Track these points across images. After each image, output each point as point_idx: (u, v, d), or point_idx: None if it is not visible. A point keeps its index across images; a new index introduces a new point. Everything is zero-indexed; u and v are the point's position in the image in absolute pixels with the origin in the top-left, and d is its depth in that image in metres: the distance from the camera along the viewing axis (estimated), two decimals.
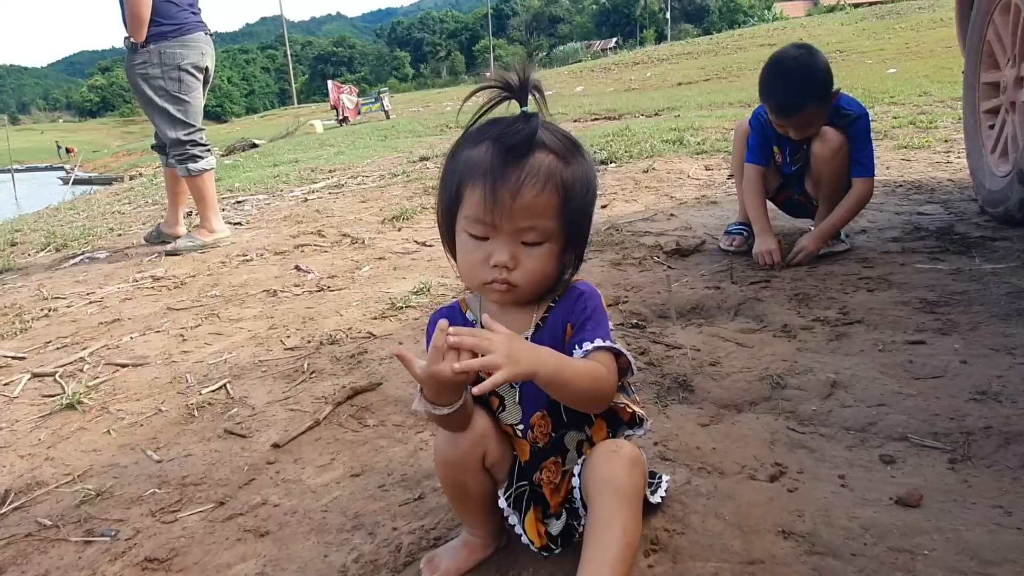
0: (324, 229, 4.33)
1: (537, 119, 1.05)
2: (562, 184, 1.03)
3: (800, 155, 2.73)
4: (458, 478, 1.16)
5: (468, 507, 1.20)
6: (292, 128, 22.57)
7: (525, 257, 1.05)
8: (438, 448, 1.16)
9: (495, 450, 1.16)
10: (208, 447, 1.79)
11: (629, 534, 1.02)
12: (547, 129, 1.05)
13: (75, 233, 5.17)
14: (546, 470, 1.17)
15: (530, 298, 1.11)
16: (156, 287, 3.42)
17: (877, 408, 1.59)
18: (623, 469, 1.05)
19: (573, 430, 1.16)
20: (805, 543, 1.18)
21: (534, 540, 1.17)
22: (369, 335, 2.41)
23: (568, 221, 1.05)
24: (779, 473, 1.40)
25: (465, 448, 1.14)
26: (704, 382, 1.81)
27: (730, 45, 30.87)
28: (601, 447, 1.10)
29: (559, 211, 1.03)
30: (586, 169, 1.07)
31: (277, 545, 1.37)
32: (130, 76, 3.96)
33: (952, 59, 13.49)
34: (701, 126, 7.24)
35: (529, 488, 1.19)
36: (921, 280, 2.30)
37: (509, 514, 1.17)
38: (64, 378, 2.34)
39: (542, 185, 1.02)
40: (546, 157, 1.03)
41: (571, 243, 1.08)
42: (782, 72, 2.54)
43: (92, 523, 1.52)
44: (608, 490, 1.03)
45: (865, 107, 2.68)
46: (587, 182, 1.06)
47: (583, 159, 1.07)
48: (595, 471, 1.06)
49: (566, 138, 1.07)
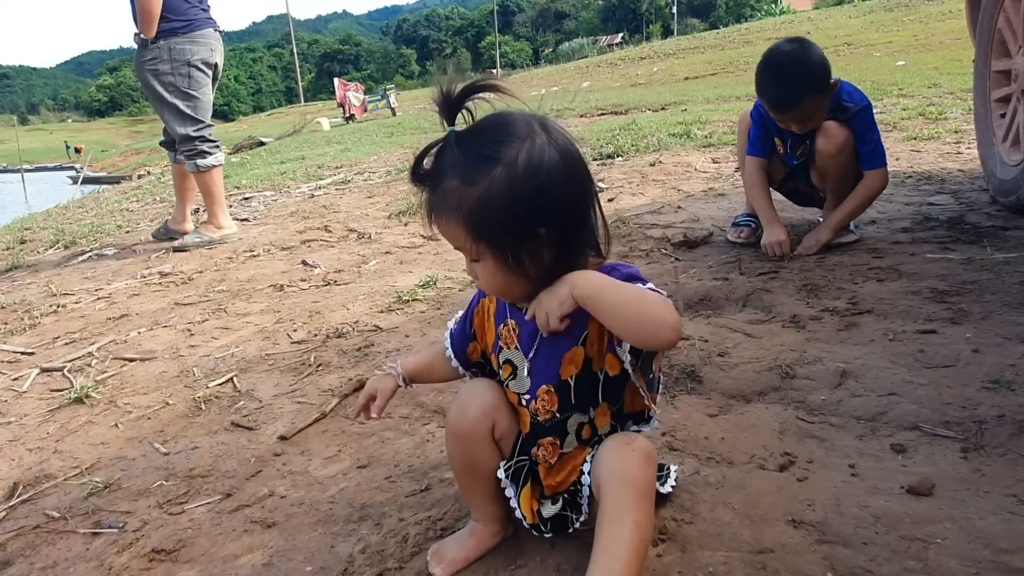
0: (331, 225, 4.34)
1: (448, 142, 1.04)
2: (464, 210, 1.01)
3: (803, 149, 2.70)
4: (468, 451, 1.17)
5: (477, 486, 1.20)
6: (299, 126, 22.60)
7: (477, 269, 1.09)
8: (449, 421, 1.18)
9: (504, 421, 1.17)
10: (215, 440, 1.79)
11: (642, 529, 1.01)
12: (462, 146, 1.02)
13: (83, 231, 5.20)
14: (543, 448, 1.16)
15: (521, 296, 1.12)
16: (164, 283, 3.43)
17: (888, 397, 1.57)
18: (637, 463, 1.04)
19: (577, 413, 1.15)
20: (815, 532, 1.17)
21: (526, 515, 1.17)
22: (376, 328, 2.40)
23: (491, 237, 1.03)
24: (788, 463, 1.38)
25: (475, 417, 1.15)
26: (712, 372, 1.79)
27: (737, 39, 30.72)
28: (614, 440, 1.09)
29: (471, 234, 1.03)
30: (502, 179, 1.00)
31: (284, 536, 1.37)
32: (140, 72, 3.97)
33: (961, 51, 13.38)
34: (708, 120, 7.21)
35: (528, 464, 1.19)
36: (932, 270, 2.27)
37: (506, 486, 1.17)
38: (72, 373, 2.34)
39: (445, 217, 1.04)
40: (451, 184, 1.02)
41: (518, 247, 1.03)
42: (775, 67, 2.50)
43: (100, 515, 1.52)
44: (622, 484, 1.02)
45: (867, 97, 2.64)
46: (504, 192, 1.00)
47: (498, 169, 1.00)
48: (608, 464, 1.05)
49: (480, 151, 1.02)
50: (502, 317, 1.18)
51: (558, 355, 1.12)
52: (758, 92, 2.59)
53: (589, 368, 1.12)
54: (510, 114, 1.06)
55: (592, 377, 1.13)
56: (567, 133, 1.08)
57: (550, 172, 1.02)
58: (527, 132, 1.03)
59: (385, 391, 1.29)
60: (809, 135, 2.61)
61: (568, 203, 1.05)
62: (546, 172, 1.01)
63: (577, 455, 1.15)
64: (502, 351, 1.18)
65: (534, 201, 1.01)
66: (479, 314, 1.24)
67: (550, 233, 1.03)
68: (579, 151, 1.08)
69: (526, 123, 1.04)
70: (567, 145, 1.05)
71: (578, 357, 1.11)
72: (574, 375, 1.12)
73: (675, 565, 1.13)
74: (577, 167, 1.05)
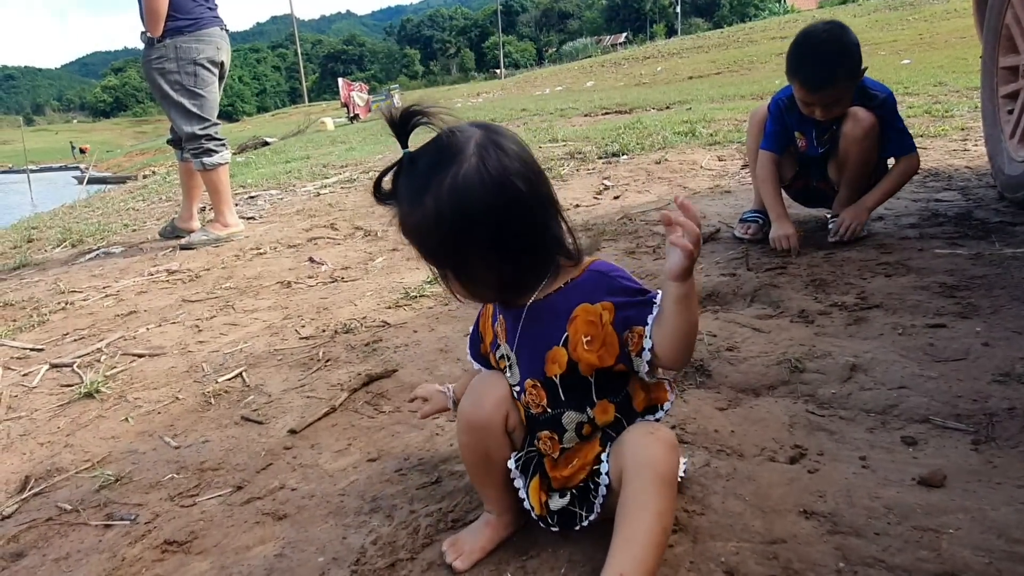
0: (337, 222, 4.34)
1: (403, 163, 1.06)
2: (411, 231, 1.07)
3: (828, 136, 2.68)
4: (481, 443, 1.18)
5: (489, 478, 1.20)
6: (303, 126, 22.68)
7: (444, 281, 1.13)
8: (462, 414, 1.19)
9: (516, 413, 1.19)
10: (225, 433, 1.80)
11: (664, 518, 1.01)
12: (409, 172, 1.06)
13: (90, 229, 5.21)
14: (542, 441, 1.18)
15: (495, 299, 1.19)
16: (171, 280, 3.44)
17: (898, 391, 1.57)
18: (661, 452, 1.04)
19: (572, 410, 1.15)
20: (827, 523, 1.17)
21: (534, 506, 1.18)
22: (384, 324, 2.41)
23: (432, 259, 1.09)
24: (799, 455, 1.38)
25: (489, 409, 1.17)
26: (721, 367, 1.79)
27: (741, 38, 30.71)
28: (637, 429, 1.10)
29: (425, 253, 1.09)
30: (431, 209, 1.01)
31: (295, 528, 1.37)
32: (146, 71, 3.98)
33: (967, 50, 13.34)
34: (713, 118, 7.20)
35: (537, 455, 1.19)
36: (940, 265, 2.27)
37: (516, 476, 1.18)
38: (82, 368, 2.36)
39: (404, 235, 1.09)
40: (400, 204, 1.07)
41: (460, 268, 1.08)
42: (813, 44, 2.48)
43: (112, 507, 1.52)
44: (646, 473, 1.02)
45: (889, 88, 2.64)
46: (431, 222, 1.02)
47: (428, 197, 1.01)
48: (631, 453, 1.05)
49: (418, 177, 1.04)
50: (495, 316, 1.23)
51: (540, 351, 1.13)
52: (789, 71, 2.55)
53: (576, 371, 1.11)
54: (454, 134, 1.05)
55: (580, 379, 1.12)
56: (515, 147, 1.06)
57: (477, 199, 1.01)
58: (460, 156, 1.02)
59: (436, 403, 1.40)
60: (835, 122, 2.60)
61: (502, 223, 1.03)
62: (472, 199, 1.01)
63: (584, 450, 1.15)
64: (499, 348, 1.21)
65: (461, 228, 1.02)
66: (483, 317, 1.29)
67: (488, 255, 1.04)
68: (525, 166, 1.05)
69: (463, 145, 1.03)
70: (509, 163, 1.03)
71: (560, 357, 1.12)
72: (558, 374, 1.12)
73: (687, 556, 1.13)
74: (513, 186, 1.02)
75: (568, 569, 1.14)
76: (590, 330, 1.10)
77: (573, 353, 1.11)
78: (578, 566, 1.14)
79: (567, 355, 1.11)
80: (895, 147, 2.64)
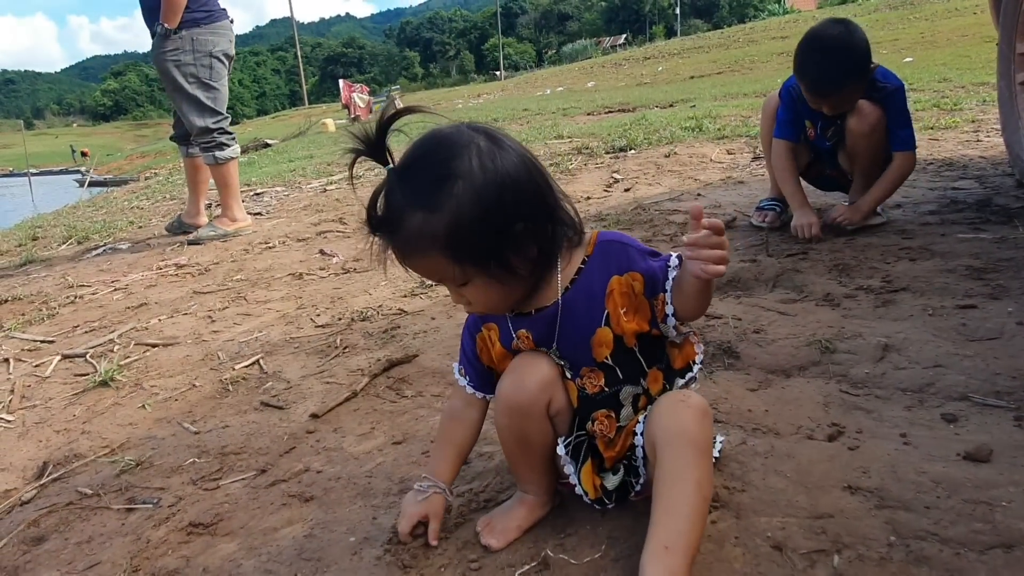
0: (345, 216, 4.32)
1: (390, 181, 0.99)
2: (440, 239, 0.97)
3: (834, 130, 2.66)
4: (522, 426, 1.13)
5: (527, 460, 1.17)
6: (305, 127, 22.65)
7: (466, 293, 1.05)
8: (502, 395, 1.13)
9: (560, 396, 1.13)
10: (245, 419, 1.77)
11: (704, 487, 0.98)
12: (409, 180, 0.98)
13: (95, 227, 5.19)
14: (598, 422, 1.13)
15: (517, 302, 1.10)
16: (180, 274, 3.41)
17: (934, 369, 1.54)
18: (694, 420, 1.01)
19: (628, 385, 1.12)
20: (874, 498, 1.14)
21: (588, 491, 1.14)
22: (400, 311, 2.38)
23: (474, 253, 0.99)
24: (837, 433, 1.35)
25: (533, 391, 1.10)
26: (749, 348, 1.76)
27: (741, 38, 30.68)
28: (668, 398, 1.07)
29: (453, 260, 0.99)
30: (466, 192, 0.96)
31: (323, 509, 1.34)
32: (159, 63, 3.93)
33: (970, 47, 13.32)
34: (719, 114, 7.16)
35: (586, 439, 1.15)
36: (964, 249, 2.24)
37: (566, 463, 1.13)
38: (95, 358, 2.33)
39: (419, 254, 1.00)
40: (413, 220, 0.97)
41: (503, 252, 1.00)
42: (820, 49, 2.43)
43: (133, 491, 1.50)
44: (680, 441, 0.99)
45: (902, 79, 2.61)
46: (473, 204, 0.96)
47: (457, 184, 0.96)
48: (664, 422, 1.02)
49: (431, 175, 0.97)
50: (508, 337, 1.15)
51: (585, 338, 1.10)
52: (797, 73, 2.52)
53: (622, 345, 1.10)
54: (439, 130, 1.02)
55: (628, 352, 1.11)
56: (498, 129, 1.05)
57: (507, 169, 0.99)
58: (467, 139, 0.99)
59: (438, 514, 1.18)
60: (840, 116, 2.58)
61: (532, 192, 1.02)
62: (503, 170, 0.98)
63: (631, 424, 1.13)
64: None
65: (503, 200, 0.98)
66: (484, 350, 1.19)
67: (527, 226, 1.01)
68: (518, 143, 1.05)
69: (459, 132, 1.01)
70: (507, 140, 1.03)
71: (607, 337, 1.10)
72: (609, 355, 1.10)
73: (731, 531, 1.10)
74: (527, 157, 1.03)
75: (609, 546, 1.11)
76: (626, 302, 1.09)
77: (616, 328, 1.09)
78: (619, 542, 1.11)
79: (611, 332, 1.09)
80: (895, 142, 2.58)
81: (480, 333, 1.19)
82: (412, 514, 1.18)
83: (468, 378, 1.22)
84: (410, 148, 1.02)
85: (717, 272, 0.95)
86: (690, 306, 1.06)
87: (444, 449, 1.23)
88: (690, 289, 1.03)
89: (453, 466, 1.23)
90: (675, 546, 0.94)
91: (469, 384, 1.21)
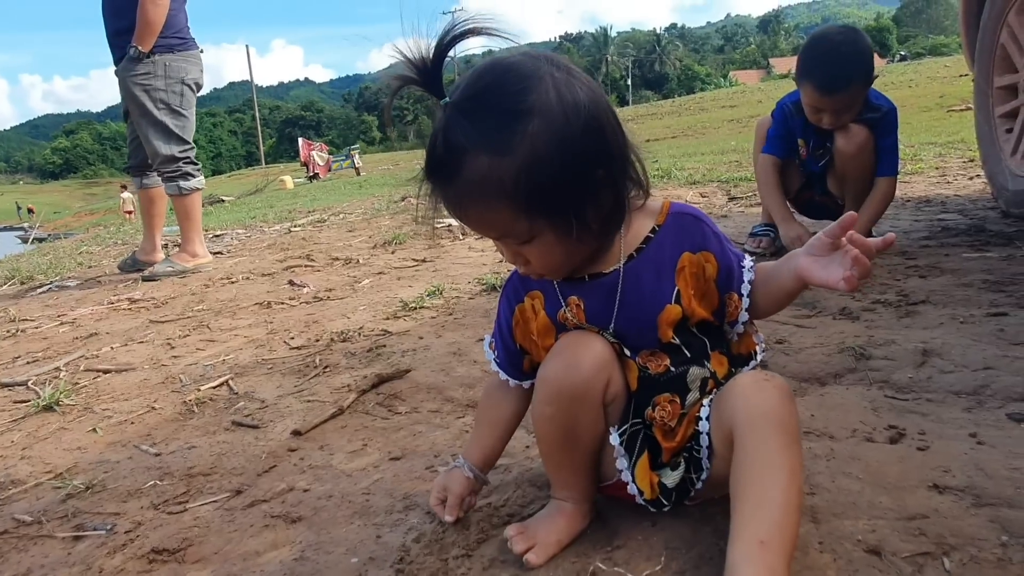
0: (313, 254, 4.12)
1: (448, 116, 0.85)
2: (509, 186, 0.83)
3: (824, 151, 2.62)
4: (571, 415, 0.94)
5: (571, 459, 0.99)
6: (262, 185, 22.43)
7: (528, 252, 0.91)
8: (549, 378, 0.94)
9: (618, 379, 0.96)
10: (214, 439, 1.55)
11: (798, 477, 0.83)
12: (472, 115, 0.84)
13: (41, 267, 4.88)
14: (659, 407, 0.96)
15: (577, 264, 0.95)
16: (134, 308, 3.16)
17: (984, 372, 1.42)
18: (781, 401, 0.86)
19: (695, 365, 0.97)
20: (968, 496, 0.99)
21: (644, 490, 0.96)
22: (384, 332, 2.19)
23: (549, 204, 0.85)
24: (898, 435, 1.21)
25: (588, 373, 0.92)
26: (776, 358, 1.63)
27: (692, 107, 31.83)
28: (746, 376, 0.92)
29: (523, 209, 0.85)
30: (543, 132, 0.82)
31: (314, 530, 1.13)
32: (128, 87, 3.74)
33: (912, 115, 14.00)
34: (684, 166, 7.24)
35: (643, 429, 0.98)
36: (975, 266, 2.17)
37: (619, 456, 0.96)
38: (37, 385, 2.07)
39: (483, 204, 0.86)
40: (478, 163, 0.83)
41: (581, 202, 0.86)
42: (829, 46, 2.39)
43: (82, 517, 1.26)
44: (768, 425, 0.84)
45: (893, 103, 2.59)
46: (550, 146, 0.82)
47: (532, 122, 0.82)
48: (746, 403, 0.86)
49: (501, 110, 0.83)
50: (556, 304, 0.98)
51: (651, 316, 0.94)
52: (802, 74, 2.46)
53: (686, 326, 0.96)
54: (504, 58, 0.88)
55: (692, 333, 0.97)
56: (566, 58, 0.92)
57: (587, 104, 0.85)
58: (540, 70, 0.85)
59: (455, 489, 1.07)
60: (830, 139, 2.53)
61: (612, 132, 0.88)
62: (584, 105, 0.84)
63: (694, 411, 0.97)
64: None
65: (584, 142, 0.84)
66: (520, 325, 1.02)
67: (609, 172, 0.88)
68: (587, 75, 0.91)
69: (531, 61, 0.86)
70: (578, 70, 0.89)
71: (674, 315, 0.94)
72: (673, 335, 0.96)
73: (813, 536, 0.93)
74: (600, 92, 0.89)
75: (668, 557, 0.93)
76: (695, 283, 0.95)
77: (687, 308, 0.94)
78: (679, 553, 0.94)
79: (680, 310, 0.94)
80: (881, 165, 2.53)
81: (521, 304, 1.01)
82: (435, 485, 1.11)
83: (497, 354, 1.06)
84: (470, 78, 0.86)
85: (855, 286, 0.83)
86: (773, 308, 0.99)
87: (477, 429, 1.12)
88: (791, 287, 0.94)
89: (486, 449, 1.09)
90: (772, 541, 0.77)
91: (496, 362, 1.06)
